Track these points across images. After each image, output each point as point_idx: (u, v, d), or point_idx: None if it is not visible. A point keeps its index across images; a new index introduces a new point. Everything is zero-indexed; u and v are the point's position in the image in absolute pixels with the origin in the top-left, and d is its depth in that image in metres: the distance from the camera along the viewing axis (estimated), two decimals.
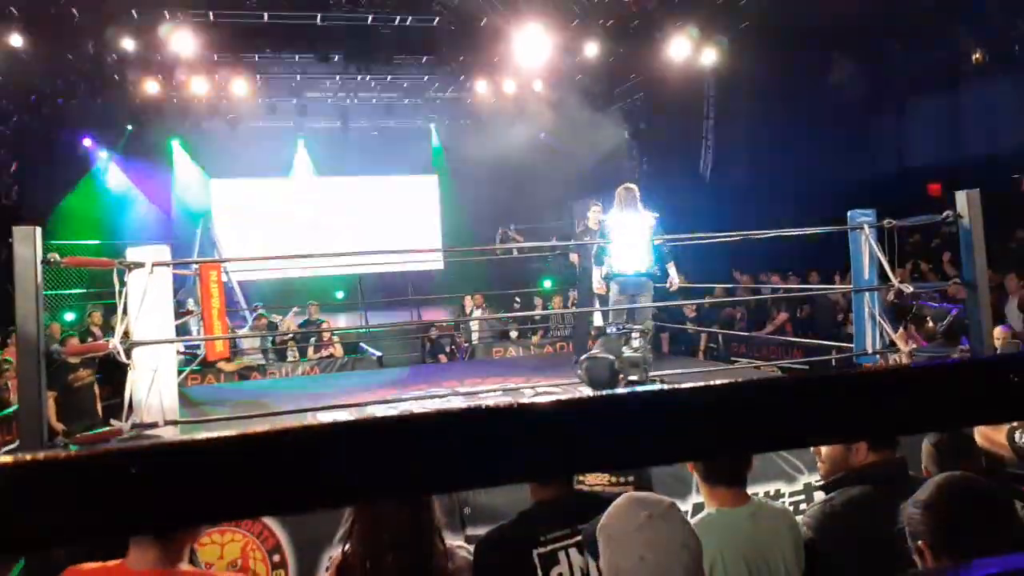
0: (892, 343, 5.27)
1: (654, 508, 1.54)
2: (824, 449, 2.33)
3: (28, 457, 0.44)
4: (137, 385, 4.32)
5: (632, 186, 6.26)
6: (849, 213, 5.55)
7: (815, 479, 3.91)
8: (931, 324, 4.94)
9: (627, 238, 5.99)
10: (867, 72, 12.39)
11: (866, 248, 5.43)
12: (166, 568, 1.63)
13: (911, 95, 12.80)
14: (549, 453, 0.54)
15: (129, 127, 14.86)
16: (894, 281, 5.21)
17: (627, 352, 4.40)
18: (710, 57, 12.41)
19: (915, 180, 11.18)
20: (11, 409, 5.64)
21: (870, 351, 5.40)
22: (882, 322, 5.40)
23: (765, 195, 12.39)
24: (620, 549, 1.51)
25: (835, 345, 6.76)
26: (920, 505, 1.64)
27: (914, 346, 5.02)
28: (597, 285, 6.58)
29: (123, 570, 1.64)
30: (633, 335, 4.69)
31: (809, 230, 6.22)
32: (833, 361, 6.59)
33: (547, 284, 13.31)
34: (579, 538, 2.03)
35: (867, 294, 5.46)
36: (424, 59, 13.52)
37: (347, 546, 1.90)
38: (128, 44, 11.40)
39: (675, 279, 6.47)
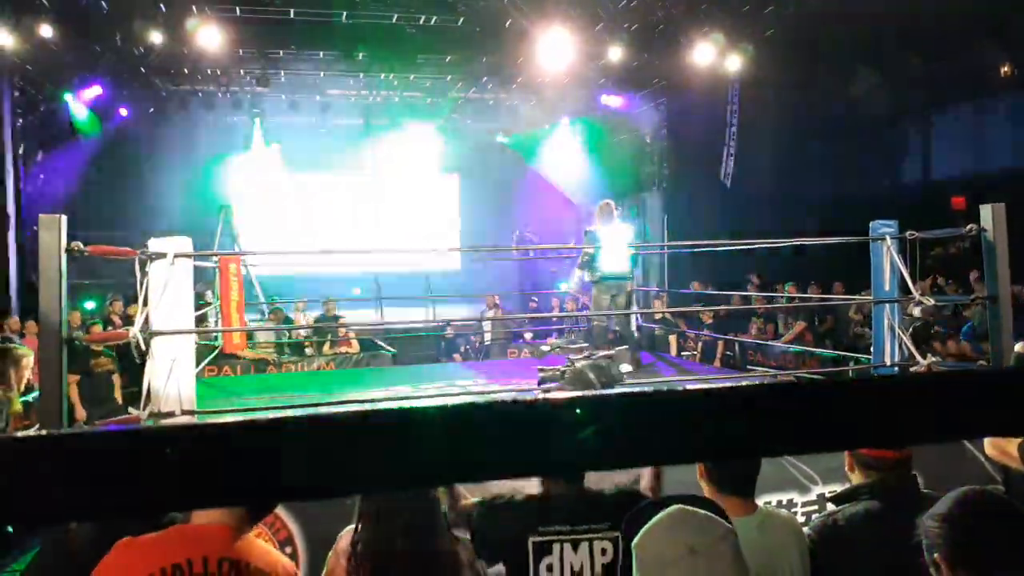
0: (911, 356, 5.22)
1: (700, 540, 1.39)
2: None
3: (63, 432, 0.46)
4: (155, 374, 4.37)
5: (610, 201, 7.14)
6: (871, 224, 5.51)
7: (829, 490, 3.88)
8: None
9: (609, 245, 6.85)
10: (892, 83, 12.29)
11: (887, 260, 5.39)
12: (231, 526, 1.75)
13: (937, 107, 12.69)
14: (551, 449, 0.55)
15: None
16: (915, 294, 5.17)
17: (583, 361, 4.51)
18: (734, 64, 12.36)
19: (939, 193, 11.08)
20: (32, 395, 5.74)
21: (888, 364, 5.36)
22: (902, 335, 5.36)
23: (786, 204, 12.33)
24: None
25: (853, 356, 6.71)
26: (938, 518, 1.62)
27: (934, 359, 4.97)
28: (574, 287, 7.06)
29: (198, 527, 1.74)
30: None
31: (829, 240, 6.18)
32: (851, 373, 6.54)
33: (563, 287, 13.31)
34: (575, 536, 2.09)
35: (887, 306, 5.41)
36: (447, 59, 13.56)
37: (357, 530, 1.92)
38: (155, 38, 11.53)
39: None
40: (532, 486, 2.35)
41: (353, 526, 1.95)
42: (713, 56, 12.07)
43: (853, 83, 12.39)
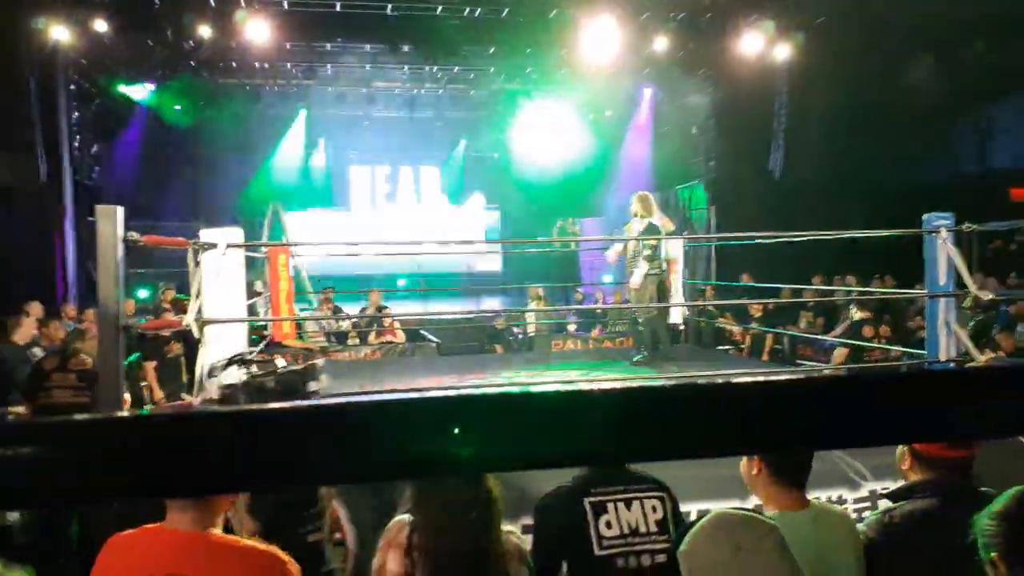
0: (967, 352, 5.08)
1: (745, 538, 1.39)
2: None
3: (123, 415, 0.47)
4: (207, 362, 4.47)
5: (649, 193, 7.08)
6: (925, 216, 5.37)
7: (881, 486, 3.80)
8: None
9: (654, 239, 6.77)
10: (948, 71, 11.93)
11: (942, 253, 5.24)
12: (200, 531, 1.71)
13: (995, 96, 12.28)
14: (603, 440, 0.55)
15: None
16: (971, 288, 5.02)
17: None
18: (784, 53, 12.13)
19: (998, 184, 10.74)
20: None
21: (943, 359, 5.22)
22: (957, 330, 5.21)
23: (837, 196, 12.08)
24: None
25: (906, 351, 6.55)
26: (995, 516, 1.58)
27: (992, 355, 4.83)
28: (637, 282, 6.75)
29: (162, 531, 1.72)
30: None
31: (883, 232, 6.03)
32: (904, 368, 6.39)
33: (607, 278, 13.23)
34: (627, 496, 2.24)
35: (942, 300, 5.27)
36: (491, 50, 13.56)
37: (412, 521, 1.93)
38: (204, 31, 11.74)
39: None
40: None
41: (406, 517, 1.96)
42: (762, 45, 11.86)
43: (907, 71, 12.07)
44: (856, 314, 7.86)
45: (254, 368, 4.50)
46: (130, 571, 1.68)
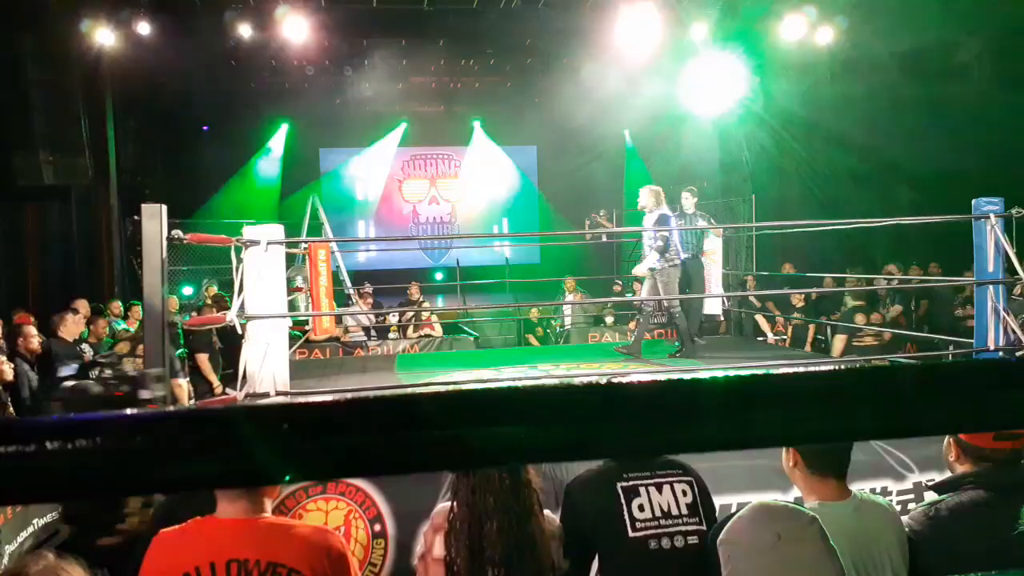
0: (1018, 340, 4.95)
1: (786, 527, 1.37)
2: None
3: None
4: (251, 357, 4.55)
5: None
6: (974, 201, 5.24)
7: (926, 479, 3.73)
8: None
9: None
10: (998, 52, 11.56)
11: (991, 239, 5.11)
12: (253, 517, 1.81)
13: None
14: (643, 433, 0.55)
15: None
16: (1022, 274, 4.89)
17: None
18: (826, 36, 11.89)
19: None
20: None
21: (992, 348, 5.09)
22: (1007, 318, 5.08)
23: (882, 182, 11.82)
24: (742, 571, 1.37)
25: (953, 340, 6.41)
26: None
27: None
28: (645, 270, 6.67)
29: (215, 521, 1.82)
30: None
31: (930, 218, 5.90)
32: (950, 357, 6.25)
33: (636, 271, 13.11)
34: (657, 480, 2.29)
35: (991, 288, 5.14)
36: (527, 42, 13.53)
37: (453, 508, 1.97)
38: (244, 30, 11.91)
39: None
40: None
41: (449, 504, 2.00)
42: (805, 29, 11.66)
43: (955, 52, 11.73)
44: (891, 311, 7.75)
45: (105, 372, 4.66)
46: (192, 560, 1.74)
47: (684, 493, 2.30)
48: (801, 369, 0.56)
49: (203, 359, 7.15)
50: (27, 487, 0.49)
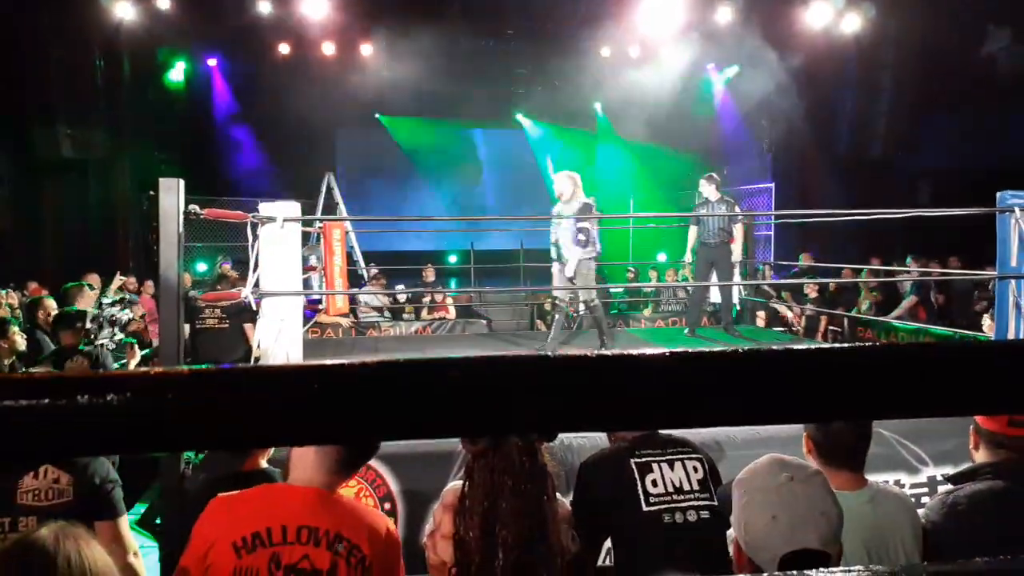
0: None
1: (796, 472, 1.51)
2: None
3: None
4: (265, 333, 4.56)
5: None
6: (998, 194, 5.16)
7: (940, 472, 3.70)
8: None
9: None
10: None
11: (1015, 232, 5.03)
12: (329, 491, 1.88)
13: None
14: (656, 404, 0.55)
15: None
16: None
17: None
18: (852, 24, 11.72)
19: None
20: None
21: None
22: None
23: (906, 173, 11.69)
24: (754, 506, 1.49)
25: (972, 335, 6.33)
26: None
27: None
28: (571, 271, 6.36)
29: (291, 488, 1.87)
30: None
31: (952, 211, 5.81)
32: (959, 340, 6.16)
33: (661, 257, 13.06)
34: (669, 457, 2.36)
35: (1013, 282, 5.06)
36: (547, 26, 13.43)
37: (465, 487, 1.95)
38: (264, 6, 11.89)
39: None
40: None
41: (460, 483, 1.99)
42: (830, 17, 11.50)
43: (981, 44, 11.54)
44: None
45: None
46: (264, 521, 1.76)
47: (695, 470, 2.36)
48: (836, 345, 0.55)
49: (250, 329, 7.11)
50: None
